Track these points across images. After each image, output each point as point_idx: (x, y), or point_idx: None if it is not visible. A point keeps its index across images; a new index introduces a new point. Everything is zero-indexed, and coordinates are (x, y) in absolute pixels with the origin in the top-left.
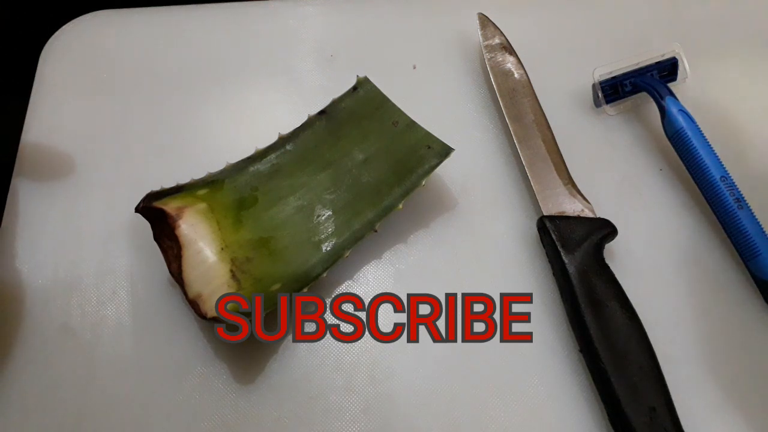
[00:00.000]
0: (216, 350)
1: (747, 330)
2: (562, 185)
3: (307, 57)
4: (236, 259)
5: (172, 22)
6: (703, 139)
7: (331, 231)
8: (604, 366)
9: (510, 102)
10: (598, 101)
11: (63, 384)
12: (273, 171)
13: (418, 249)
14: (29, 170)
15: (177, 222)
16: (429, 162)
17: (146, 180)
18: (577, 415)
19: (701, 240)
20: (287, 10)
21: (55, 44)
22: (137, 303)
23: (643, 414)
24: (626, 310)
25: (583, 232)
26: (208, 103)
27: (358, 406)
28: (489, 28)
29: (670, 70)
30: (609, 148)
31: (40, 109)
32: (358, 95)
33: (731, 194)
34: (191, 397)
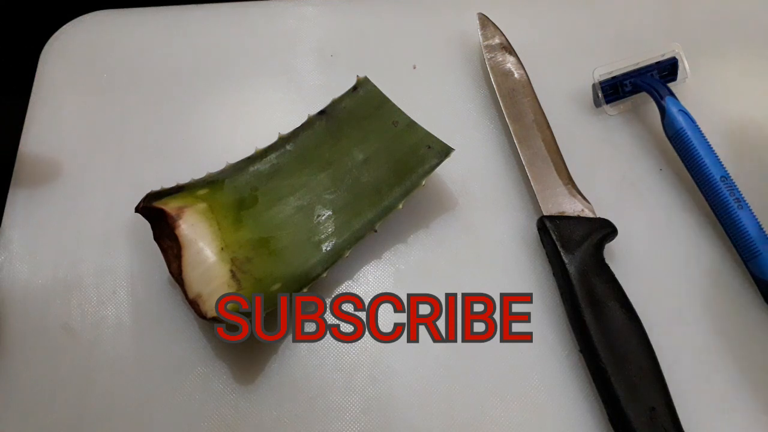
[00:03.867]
0: (216, 350)
1: (747, 330)
2: (562, 185)
3: (307, 57)
4: (236, 259)
5: (172, 22)
6: (703, 139)
7: (331, 231)
8: (604, 366)
9: (510, 102)
10: (598, 101)
11: (63, 384)
12: (273, 171)
13: (418, 249)
14: (29, 170)
15: (177, 222)
16: (429, 162)
17: (146, 180)
18: (577, 415)
19: (701, 240)
20: (287, 10)
21: (55, 44)
22: (137, 303)
23: (643, 414)
24: (626, 310)
25: (583, 232)
26: (208, 103)
27: (358, 406)
28: (489, 28)
29: (670, 70)
30: (609, 148)
31: (40, 109)
32: (358, 95)
33: (731, 194)
34: (191, 397)
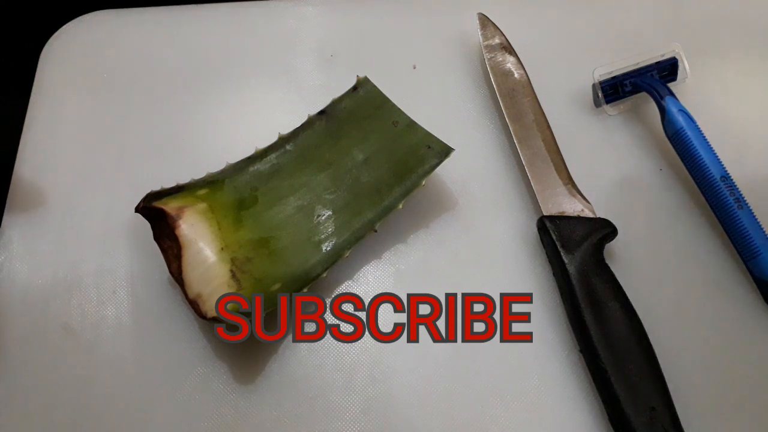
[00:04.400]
0: (216, 350)
1: (747, 330)
2: (562, 185)
3: (307, 57)
4: (236, 259)
5: (172, 22)
6: (703, 139)
7: (331, 231)
8: (604, 366)
9: (510, 102)
10: (598, 101)
11: (63, 384)
12: (273, 171)
13: (418, 249)
14: (29, 170)
15: (177, 222)
16: (429, 162)
17: (146, 180)
18: (577, 415)
19: (701, 240)
20: (287, 10)
21: (55, 44)
22: (137, 303)
23: (643, 414)
24: (626, 310)
25: (583, 232)
26: (208, 103)
27: (358, 406)
28: (489, 28)
29: (670, 70)
30: (609, 148)
31: (40, 109)
32: (358, 95)
33: (731, 194)
34: (191, 397)
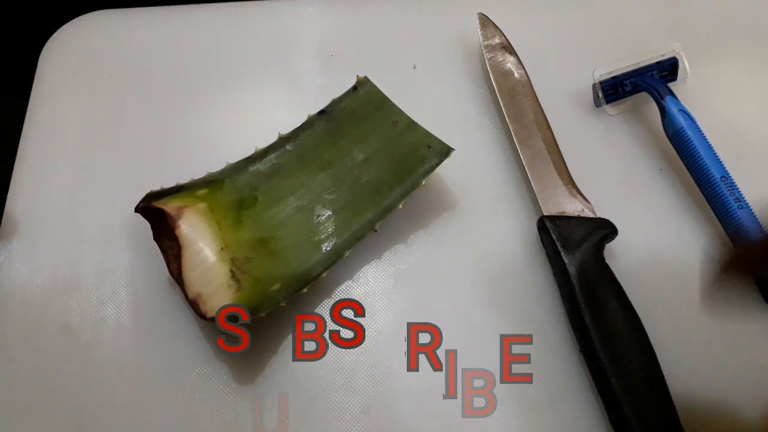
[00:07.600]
0: (216, 350)
1: (747, 330)
2: (562, 185)
3: (307, 57)
4: (236, 259)
5: (172, 22)
6: (703, 139)
7: (331, 231)
8: (604, 366)
9: (510, 102)
10: (598, 101)
11: (63, 384)
12: (273, 171)
13: (418, 249)
14: (29, 170)
15: (177, 222)
16: (429, 162)
17: (146, 180)
18: (577, 415)
19: (701, 240)
20: (287, 10)
21: (55, 44)
22: (137, 303)
23: (643, 414)
24: (626, 310)
25: (583, 232)
26: (207, 103)
27: (358, 406)
28: (489, 28)
29: (670, 70)
30: (609, 148)
31: (40, 109)
32: (358, 95)
33: (731, 194)
34: (191, 397)
